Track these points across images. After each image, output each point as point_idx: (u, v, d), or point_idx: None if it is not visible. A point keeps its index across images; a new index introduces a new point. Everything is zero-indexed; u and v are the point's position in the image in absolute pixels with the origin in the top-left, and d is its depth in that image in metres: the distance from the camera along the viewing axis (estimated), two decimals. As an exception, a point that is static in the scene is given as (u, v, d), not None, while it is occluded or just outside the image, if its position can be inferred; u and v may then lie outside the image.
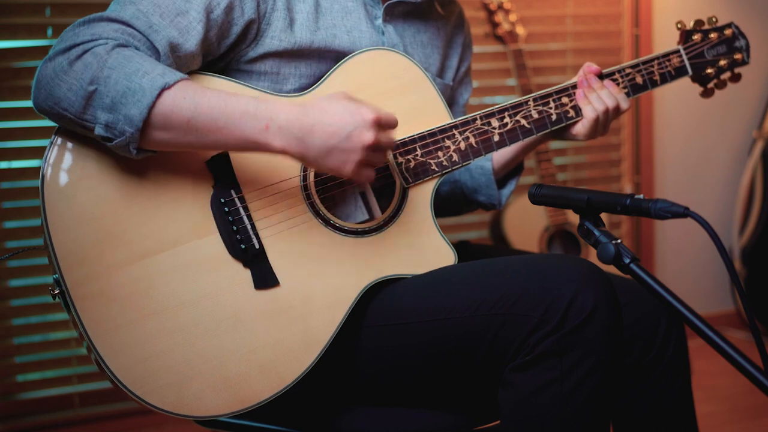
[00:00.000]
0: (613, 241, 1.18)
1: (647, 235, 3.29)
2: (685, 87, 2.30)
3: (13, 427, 2.54)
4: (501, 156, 1.64)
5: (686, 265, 3.37)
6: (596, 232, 1.20)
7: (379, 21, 1.52)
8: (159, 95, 1.22)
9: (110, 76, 1.22)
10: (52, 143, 1.30)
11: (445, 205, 1.73)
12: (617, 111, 1.56)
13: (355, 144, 1.26)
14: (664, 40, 3.12)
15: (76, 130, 1.28)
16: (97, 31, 1.26)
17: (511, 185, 1.68)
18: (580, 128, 1.55)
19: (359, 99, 1.29)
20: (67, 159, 1.30)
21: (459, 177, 1.69)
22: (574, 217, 2.83)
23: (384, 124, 1.29)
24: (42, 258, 2.41)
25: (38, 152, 2.52)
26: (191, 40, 1.32)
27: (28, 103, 2.49)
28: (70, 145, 1.30)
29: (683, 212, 1.12)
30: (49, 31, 2.51)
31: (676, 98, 3.25)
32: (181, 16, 1.31)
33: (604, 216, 1.24)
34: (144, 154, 1.28)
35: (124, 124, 1.23)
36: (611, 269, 1.55)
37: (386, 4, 1.52)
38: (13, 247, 2.48)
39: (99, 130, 1.24)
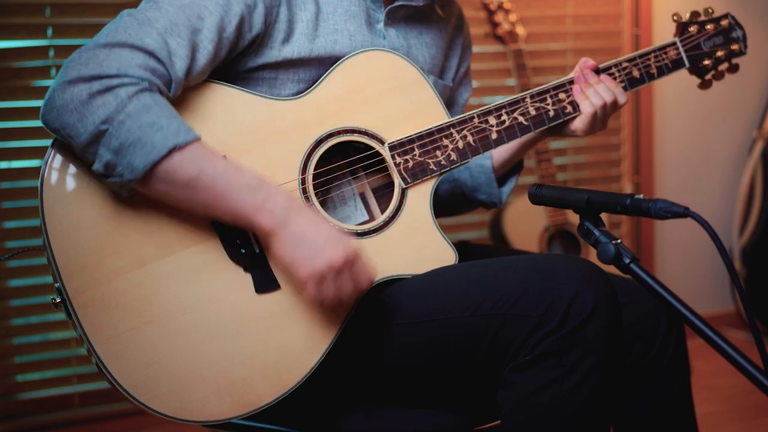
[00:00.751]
0: (613, 241, 1.18)
1: (647, 235, 3.29)
2: (685, 87, 2.30)
3: (13, 427, 2.54)
4: (500, 154, 1.64)
5: (686, 265, 3.37)
6: (596, 232, 1.20)
7: (381, 25, 1.52)
8: (167, 154, 1.23)
9: (124, 122, 1.23)
10: (52, 148, 1.30)
11: (445, 205, 1.73)
12: (615, 105, 1.56)
13: (325, 254, 1.26)
14: (664, 39, 3.09)
15: (76, 152, 1.28)
16: (123, 65, 1.25)
17: (510, 183, 1.68)
18: (579, 124, 1.55)
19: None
20: (67, 165, 1.30)
21: (458, 176, 1.69)
22: (574, 217, 2.83)
23: (360, 267, 1.30)
24: (42, 258, 2.41)
25: (38, 152, 2.52)
26: (201, 60, 1.32)
27: (28, 103, 2.50)
28: (70, 151, 1.30)
29: (683, 212, 1.12)
30: (49, 31, 2.51)
31: (676, 98, 3.25)
32: (195, 35, 1.31)
33: (604, 216, 1.24)
34: (133, 192, 1.29)
35: (125, 170, 1.24)
36: (611, 269, 1.55)
37: (389, 7, 1.52)
38: (13, 247, 2.48)
39: (98, 166, 1.25)
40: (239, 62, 1.41)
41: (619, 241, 1.18)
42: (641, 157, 3.24)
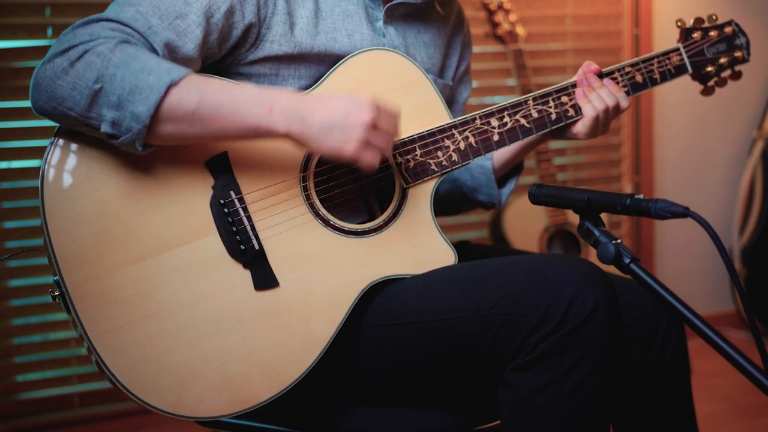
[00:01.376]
0: (613, 241, 1.18)
1: (647, 235, 3.29)
2: (685, 87, 2.30)
3: (13, 427, 2.54)
4: (501, 155, 1.64)
5: (686, 265, 3.37)
6: (596, 232, 1.20)
7: (380, 23, 1.52)
8: (166, 92, 1.23)
9: (116, 74, 1.23)
10: (52, 144, 1.30)
11: (445, 205, 1.73)
12: (617, 110, 1.56)
13: (354, 122, 1.27)
14: (664, 40, 3.11)
15: (79, 128, 1.28)
16: (96, 30, 1.26)
17: (510, 184, 1.68)
18: (580, 127, 1.55)
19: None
20: (67, 160, 1.30)
21: (459, 176, 1.69)
22: (574, 217, 2.83)
23: (383, 108, 1.30)
24: (42, 258, 2.41)
25: (38, 152, 2.52)
26: (189, 44, 1.32)
27: (28, 103, 2.46)
28: (70, 146, 1.30)
29: (683, 212, 1.12)
30: (49, 31, 2.51)
31: (676, 98, 3.25)
32: (181, 19, 1.31)
33: (604, 216, 1.24)
34: (149, 150, 1.28)
35: (131, 120, 1.23)
36: (611, 269, 1.55)
37: (387, 5, 1.52)
38: (13, 247, 2.48)
39: (105, 128, 1.24)
40: (239, 56, 1.41)
41: (619, 241, 1.18)
42: (641, 157, 3.24)
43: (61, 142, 1.30)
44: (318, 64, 1.44)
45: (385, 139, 1.31)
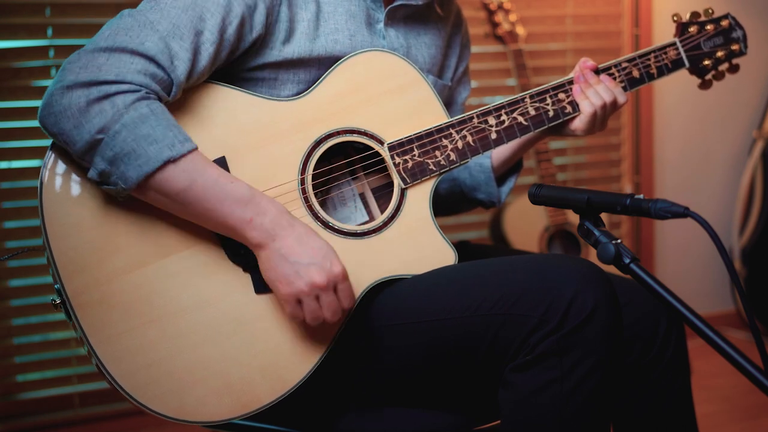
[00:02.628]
0: (613, 241, 1.17)
1: (647, 235, 3.29)
2: (685, 87, 2.30)
3: (13, 427, 2.54)
4: (500, 153, 1.64)
5: (686, 265, 3.37)
6: (596, 232, 1.20)
7: (381, 25, 1.52)
8: (161, 167, 1.24)
9: (120, 132, 1.23)
10: (51, 150, 1.30)
11: (444, 204, 1.73)
12: (615, 105, 1.56)
13: (306, 274, 1.26)
14: (664, 39, 3.08)
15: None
16: (122, 70, 1.25)
17: (510, 182, 1.68)
18: (578, 124, 1.55)
19: (337, 256, 1.30)
20: (66, 166, 1.30)
21: (458, 175, 1.69)
22: (574, 217, 2.83)
23: (343, 290, 1.29)
24: (42, 258, 2.41)
25: (38, 152, 2.52)
26: (202, 61, 1.32)
27: (28, 103, 2.50)
28: (69, 153, 1.30)
29: (683, 212, 1.12)
30: (49, 31, 2.51)
31: (676, 98, 3.25)
32: (197, 37, 1.31)
33: (604, 216, 1.24)
34: (130, 198, 1.29)
35: (119, 179, 1.24)
36: (611, 269, 1.55)
37: (389, 7, 1.52)
38: (13, 247, 2.48)
39: (92, 173, 1.26)
40: (240, 63, 1.41)
41: (619, 241, 1.18)
42: (641, 157, 3.23)
43: (60, 149, 1.30)
44: (318, 67, 1.44)
45: (316, 313, 1.28)
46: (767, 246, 3.21)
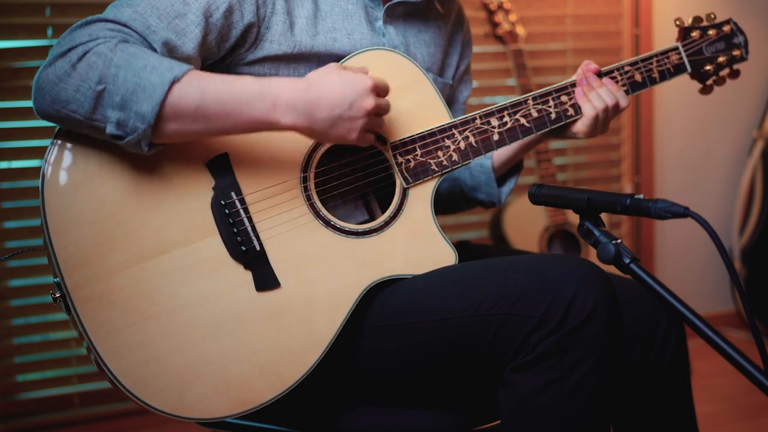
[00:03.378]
0: (613, 241, 1.18)
1: (647, 235, 3.29)
2: (685, 87, 2.30)
3: (13, 427, 2.54)
4: (501, 154, 1.64)
5: (686, 265, 3.37)
6: (596, 232, 1.20)
7: (380, 23, 1.52)
8: (169, 89, 1.23)
9: (118, 74, 1.23)
10: (52, 144, 1.30)
11: (444, 203, 1.74)
12: (617, 109, 1.56)
13: (358, 111, 1.31)
14: (664, 40, 3.11)
15: (83, 131, 1.28)
16: (94, 31, 1.26)
17: (510, 183, 1.68)
18: (580, 126, 1.55)
19: (352, 68, 1.35)
20: (68, 161, 1.30)
21: (458, 175, 1.69)
22: (574, 217, 2.83)
23: (380, 90, 1.34)
24: (42, 258, 2.41)
25: (38, 152, 2.52)
26: (188, 44, 1.32)
27: (28, 103, 2.49)
28: (70, 146, 1.30)
29: (683, 212, 1.12)
30: (49, 31, 2.51)
31: (676, 98, 3.25)
32: (179, 19, 1.31)
33: (604, 216, 1.24)
34: (155, 149, 1.28)
35: (136, 120, 1.23)
36: (611, 269, 1.55)
37: (387, 5, 1.52)
38: (13, 247, 2.48)
39: (110, 129, 1.24)
40: (238, 56, 1.41)
41: (619, 241, 1.18)
42: (641, 157, 3.24)
43: (61, 142, 1.30)
44: (318, 63, 1.44)
45: (381, 121, 1.37)
46: (767, 246, 3.21)
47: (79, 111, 1.24)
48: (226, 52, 1.39)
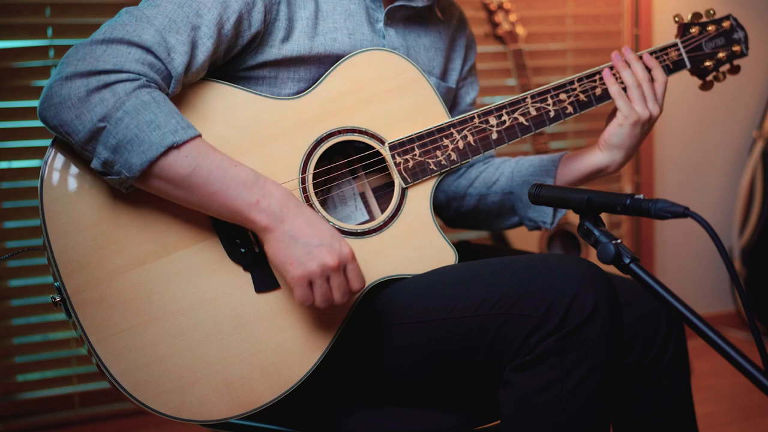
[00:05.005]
0: (613, 241, 1.17)
1: (647, 235, 3.29)
2: (685, 87, 2.30)
3: (13, 427, 2.54)
4: (563, 178, 1.62)
5: (686, 265, 3.37)
6: (596, 232, 1.20)
7: (381, 25, 1.52)
8: (165, 153, 1.23)
9: (122, 119, 1.23)
10: (52, 148, 1.30)
11: (486, 216, 1.71)
12: (653, 83, 1.54)
13: (317, 256, 1.26)
14: (664, 39, 3.11)
15: (75, 149, 1.28)
16: (120, 60, 1.25)
17: (563, 209, 1.64)
18: (617, 119, 1.53)
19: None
20: (67, 164, 1.30)
21: (514, 189, 1.66)
22: (574, 217, 2.83)
23: (352, 271, 1.29)
24: (42, 258, 2.41)
25: (38, 152, 2.51)
26: (200, 57, 1.32)
27: (28, 103, 2.50)
28: (69, 150, 1.30)
29: (683, 212, 1.12)
30: (49, 31, 2.51)
31: (676, 98, 3.25)
32: (194, 32, 1.31)
33: (604, 216, 1.24)
34: (131, 190, 1.29)
35: (123, 167, 1.24)
36: (611, 269, 1.55)
37: (388, 7, 1.52)
38: (13, 247, 2.48)
39: (95, 164, 1.25)
40: (240, 61, 1.41)
41: (619, 241, 1.18)
42: (641, 157, 3.24)
43: (60, 146, 1.30)
44: (318, 65, 1.44)
45: (326, 295, 1.28)
46: (767, 246, 3.21)
47: (73, 136, 1.25)
48: (230, 58, 1.40)
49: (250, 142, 1.37)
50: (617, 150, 1.54)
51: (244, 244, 1.34)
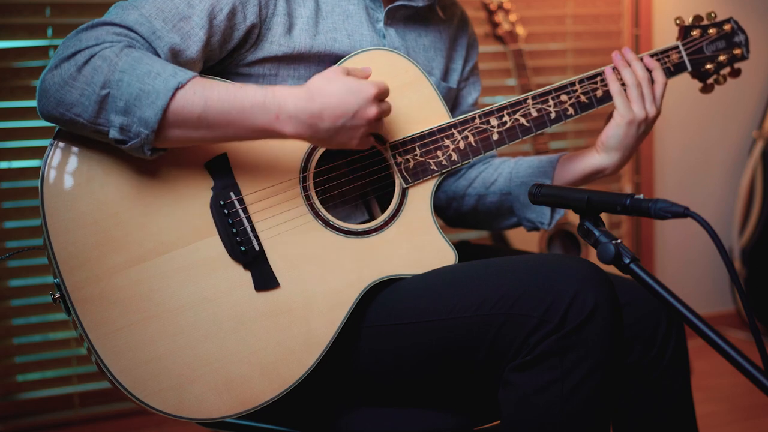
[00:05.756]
0: (613, 241, 1.18)
1: (647, 235, 3.29)
2: (685, 87, 2.30)
3: (13, 427, 2.54)
4: (561, 179, 1.62)
5: (686, 265, 3.37)
6: (596, 232, 1.20)
7: (381, 24, 1.52)
8: (173, 96, 1.23)
9: (122, 79, 1.23)
10: (52, 146, 1.30)
11: (486, 216, 1.71)
12: (652, 85, 1.54)
13: (361, 120, 1.30)
14: (665, 40, 3.11)
15: (86, 134, 1.28)
16: (101, 35, 1.26)
17: (561, 210, 1.65)
18: (613, 120, 1.53)
19: (356, 71, 1.34)
20: (67, 162, 1.30)
21: (512, 190, 1.66)
22: (574, 217, 2.83)
23: (383, 96, 1.34)
24: (42, 258, 2.41)
25: (38, 152, 2.51)
26: (193, 47, 1.32)
27: (28, 103, 2.50)
28: (70, 147, 1.30)
29: (683, 212, 1.12)
30: (49, 31, 2.51)
31: (676, 98, 3.25)
32: (184, 21, 1.31)
33: (604, 216, 1.24)
34: (157, 154, 1.28)
35: (139, 126, 1.23)
36: (611, 269, 1.55)
37: (388, 7, 1.52)
38: (13, 248, 2.48)
39: (113, 133, 1.24)
40: (238, 57, 1.41)
41: (619, 241, 1.18)
42: (641, 157, 3.24)
43: (61, 143, 1.30)
44: (318, 64, 1.44)
45: (382, 124, 1.37)
46: (767, 246, 3.21)
47: (83, 115, 1.24)
48: (227, 53, 1.39)
49: (251, 141, 1.36)
50: (614, 151, 1.54)
51: (245, 243, 1.34)
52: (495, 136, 1.50)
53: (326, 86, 1.30)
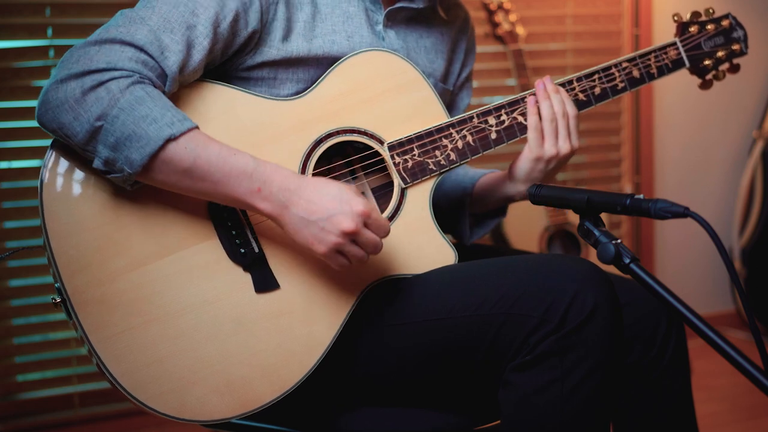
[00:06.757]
0: (613, 241, 1.18)
1: (647, 235, 3.29)
2: (685, 87, 2.30)
3: (13, 427, 2.54)
4: (480, 201, 1.64)
5: (686, 265, 3.37)
6: (596, 232, 1.20)
7: (380, 26, 1.52)
8: (163, 146, 1.24)
9: (118, 117, 1.23)
10: (51, 150, 1.30)
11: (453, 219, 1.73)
12: (566, 118, 1.51)
13: (333, 227, 1.26)
14: (664, 39, 3.07)
15: (77, 151, 1.29)
16: (113, 58, 1.26)
17: (487, 227, 1.67)
18: (524, 154, 1.53)
19: (355, 192, 1.29)
20: (67, 166, 1.30)
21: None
22: (574, 217, 2.83)
23: (372, 223, 1.29)
24: (42, 258, 2.41)
25: (38, 152, 2.52)
26: (196, 56, 1.32)
27: (28, 103, 2.50)
28: (69, 151, 1.30)
29: (683, 212, 1.12)
30: (49, 31, 2.51)
31: (676, 98, 3.25)
32: (190, 31, 1.31)
33: (604, 216, 1.24)
34: (137, 186, 1.29)
35: (124, 164, 1.24)
36: (611, 269, 1.55)
37: (388, 9, 1.52)
38: (13, 248, 2.48)
39: (97, 163, 1.26)
40: (238, 61, 1.41)
41: (619, 241, 1.18)
42: (641, 157, 3.23)
43: (60, 146, 1.30)
44: (316, 67, 1.44)
45: (359, 255, 1.29)
46: (767, 246, 3.21)
47: (73, 138, 1.25)
48: (227, 57, 1.40)
49: (249, 143, 1.36)
50: (521, 183, 1.55)
51: (244, 245, 1.34)
52: (493, 135, 1.50)
53: (321, 185, 1.28)
